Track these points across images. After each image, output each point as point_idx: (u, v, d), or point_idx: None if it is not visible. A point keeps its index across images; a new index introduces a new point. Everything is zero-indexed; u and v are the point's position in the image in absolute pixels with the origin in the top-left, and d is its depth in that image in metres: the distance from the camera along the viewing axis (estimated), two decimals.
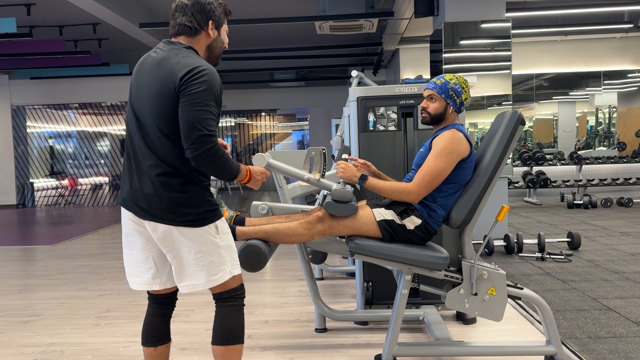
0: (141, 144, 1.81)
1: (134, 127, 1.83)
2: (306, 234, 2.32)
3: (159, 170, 1.78)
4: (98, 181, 12.34)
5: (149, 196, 1.79)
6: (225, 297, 1.92)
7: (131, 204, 1.83)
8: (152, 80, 1.79)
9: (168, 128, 1.76)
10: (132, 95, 1.87)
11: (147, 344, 2.02)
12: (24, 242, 6.87)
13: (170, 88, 1.74)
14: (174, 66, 1.77)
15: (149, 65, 1.84)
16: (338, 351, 2.72)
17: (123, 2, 7.01)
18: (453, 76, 2.40)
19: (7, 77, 11.47)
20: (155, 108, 1.77)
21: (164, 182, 1.78)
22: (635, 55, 9.65)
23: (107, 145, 12.27)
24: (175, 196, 1.79)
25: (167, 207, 1.78)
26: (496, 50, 5.56)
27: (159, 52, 1.86)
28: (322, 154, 2.45)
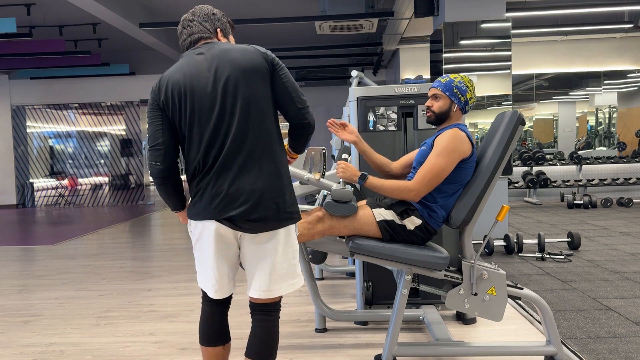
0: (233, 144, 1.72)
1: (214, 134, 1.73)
2: (306, 234, 2.32)
3: (262, 162, 1.75)
4: (98, 181, 12.33)
5: (259, 200, 1.71)
6: (272, 309, 1.84)
7: (236, 221, 1.72)
8: (229, 69, 1.75)
9: (263, 109, 1.77)
10: (196, 100, 1.75)
11: (215, 343, 1.92)
12: (24, 242, 6.87)
13: (263, 65, 1.78)
14: (249, 48, 1.81)
15: (208, 60, 1.77)
16: (338, 351, 2.72)
17: (123, 2, 7.01)
18: (458, 75, 2.40)
19: (7, 77, 11.47)
20: (249, 90, 1.75)
21: (271, 174, 1.76)
22: (635, 55, 9.65)
23: (107, 145, 12.27)
24: (282, 190, 1.76)
25: (278, 207, 1.74)
26: (496, 50, 5.56)
27: (204, 51, 1.81)
28: (322, 154, 2.45)
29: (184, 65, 1.80)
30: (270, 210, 1.73)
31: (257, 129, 1.75)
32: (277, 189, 1.75)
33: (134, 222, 8.48)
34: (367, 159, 2.56)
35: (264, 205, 1.72)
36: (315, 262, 3.67)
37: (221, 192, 1.72)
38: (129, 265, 5.07)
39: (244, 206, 1.71)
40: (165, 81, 1.80)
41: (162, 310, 3.55)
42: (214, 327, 1.93)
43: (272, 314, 1.84)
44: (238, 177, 1.72)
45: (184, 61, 1.82)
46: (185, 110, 1.76)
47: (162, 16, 8.10)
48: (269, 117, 1.78)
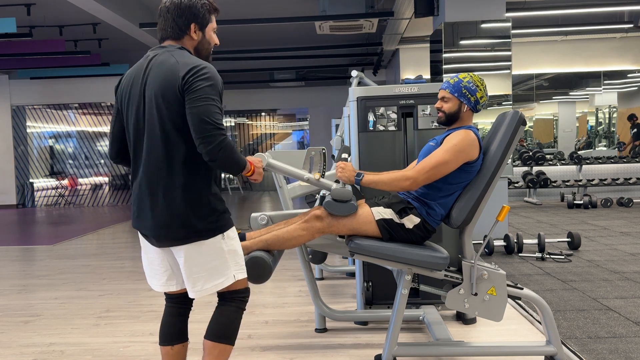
0: (151, 160, 1.80)
1: (139, 144, 1.83)
2: (306, 234, 2.32)
3: (174, 183, 1.79)
4: (98, 181, 12.33)
5: (167, 218, 1.79)
6: (227, 296, 1.94)
7: (152, 234, 1.85)
8: (154, 84, 1.78)
9: (176, 128, 1.77)
10: (130, 109, 1.85)
11: (164, 343, 2.03)
12: (24, 242, 6.87)
13: (175, 88, 1.74)
14: (174, 66, 1.77)
15: (147, 70, 1.82)
16: (338, 351, 2.72)
17: (123, 2, 7.01)
18: (467, 75, 2.38)
19: (7, 77, 11.47)
20: (164, 112, 1.76)
21: (178, 196, 1.79)
22: (635, 55, 9.65)
23: (107, 145, 12.25)
24: (189, 210, 1.79)
25: (184, 225, 1.79)
26: (496, 50, 5.55)
27: (151, 56, 1.85)
28: (322, 154, 2.45)
29: (134, 69, 1.89)
30: (174, 232, 1.80)
31: (167, 150, 1.78)
32: (184, 209, 1.79)
33: None
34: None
35: (168, 227, 1.80)
36: (315, 262, 3.67)
37: (137, 208, 1.87)
38: (129, 265, 5.07)
39: (151, 227, 1.83)
40: (121, 82, 1.93)
41: (162, 310, 3.54)
42: (167, 330, 2.05)
43: (228, 301, 1.94)
44: (149, 195, 1.81)
45: (137, 64, 1.89)
46: (124, 117, 1.89)
47: None
48: (182, 139, 1.77)
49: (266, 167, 2.48)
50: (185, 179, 1.79)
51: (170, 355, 2.01)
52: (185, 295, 2.03)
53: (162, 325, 2.06)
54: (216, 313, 1.95)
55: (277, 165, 2.48)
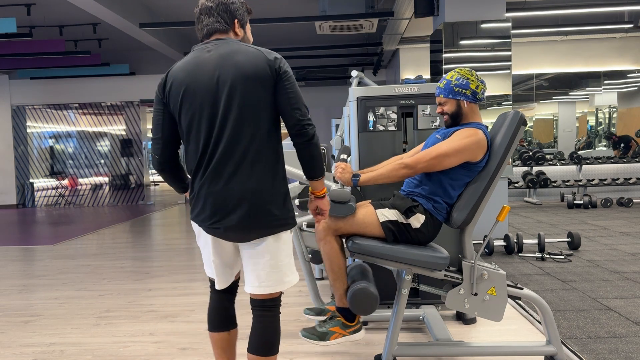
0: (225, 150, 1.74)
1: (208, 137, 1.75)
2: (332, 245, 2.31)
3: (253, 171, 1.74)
4: (98, 181, 12.33)
5: (246, 211, 1.73)
6: (270, 305, 1.88)
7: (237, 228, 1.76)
8: (233, 72, 1.73)
9: (260, 117, 1.75)
10: (196, 101, 1.76)
11: (221, 329, 1.99)
12: (24, 242, 6.87)
13: (267, 72, 1.74)
14: (256, 52, 1.77)
15: (213, 61, 1.76)
16: (338, 351, 2.72)
17: (123, 2, 7.01)
18: (453, 72, 2.37)
19: (7, 77, 11.47)
20: (247, 97, 1.73)
21: (262, 182, 1.75)
22: (635, 55, 9.65)
23: (107, 145, 12.27)
24: (272, 198, 1.77)
25: (266, 215, 1.75)
26: (496, 50, 5.56)
27: (213, 49, 1.80)
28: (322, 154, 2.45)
29: (190, 62, 1.80)
30: (256, 219, 1.75)
31: (250, 136, 1.74)
32: (267, 197, 1.76)
33: (134, 222, 8.47)
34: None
35: (251, 215, 1.74)
36: (315, 262, 3.66)
37: (211, 201, 1.76)
38: (129, 265, 5.07)
39: (231, 219, 1.75)
40: (171, 77, 1.81)
41: (162, 310, 3.55)
42: (220, 313, 2.01)
43: (271, 310, 1.88)
44: (228, 185, 1.74)
45: (192, 57, 1.82)
46: (186, 110, 1.77)
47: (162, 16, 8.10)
48: (266, 125, 1.76)
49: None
50: (273, 168, 1.78)
51: (227, 340, 1.99)
52: (235, 282, 2.02)
53: (214, 312, 2.01)
54: (262, 327, 1.87)
55: None
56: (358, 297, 2.22)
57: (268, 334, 1.86)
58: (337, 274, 2.31)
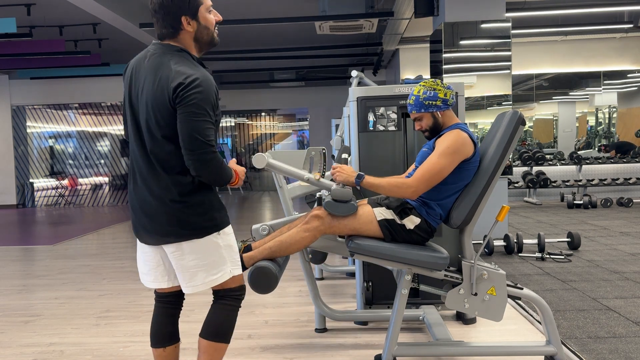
0: (143, 157, 1.82)
1: (136, 140, 1.83)
2: (308, 236, 2.32)
3: (165, 181, 1.79)
4: (98, 181, 12.33)
5: (156, 214, 1.80)
6: (223, 294, 1.93)
7: (143, 233, 1.88)
8: (149, 88, 1.77)
9: (168, 135, 1.76)
10: (132, 101, 1.84)
11: (156, 345, 2.01)
12: (24, 242, 6.87)
13: (166, 98, 1.72)
14: (168, 75, 1.74)
15: (142, 75, 1.81)
16: (338, 351, 2.72)
17: (123, 2, 7.01)
18: (419, 86, 2.40)
19: (7, 77, 11.46)
20: (153, 115, 1.76)
21: (170, 193, 1.79)
22: (635, 55, 9.65)
23: (107, 145, 12.27)
24: (183, 207, 1.79)
25: (178, 222, 1.79)
26: (496, 50, 5.56)
27: (149, 58, 1.82)
28: (322, 154, 2.45)
29: (135, 66, 1.86)
30: (168, 230, 1.81)
31: (161, 156, 1.77)
32: (179, 211, 1.79)
33: None
34: None
35: (164, 226, 1.81)
36: (315, 262, 3.67)
37: (133, 206, 1.88)
38: (129, 265, 5.07)
39: (144, 226, 1.85)
40: (126, 71, 1.91)
41: None
42: (157, 328, 2.03)
43: (224, 299, 1.93)
44: (144, 198, 1.82)
45: (140, 57, 1.87)
46: (125, 106, 1.89)
47: None
48: (175, 145, 1.76)
49: (266, 167, 2.48)
50: (182, 182, 1.79)
51: (163, 357, 1.99)
52: (176, 294, 2.02)
53: (153, 326, 2.03)
54: (211, 311, 1.94)
55: (277, 165, 2.48)
56: (261, 273, 2.24)
57: (216, 318, 1.92)
58: (276, 251, 2.34)
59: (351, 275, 4.25)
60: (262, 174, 14.64)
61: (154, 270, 1.96)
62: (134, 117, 1.83)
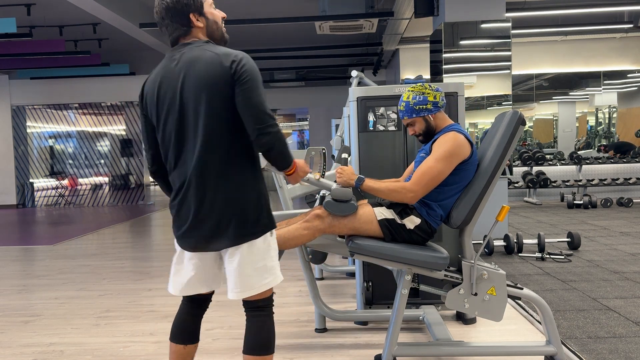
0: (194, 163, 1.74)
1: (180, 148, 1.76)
2: (307, 234, 2.32)
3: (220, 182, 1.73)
4: (98, 181, 12.34)
5: (212, 219, 1.74)
6: (261, 305, 1.86)
7: (197, 242, 1.78)
8: (195, 82, 1.72)
9: (228, 125, 1.72)
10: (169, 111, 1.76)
11: (178, 341, 1.97)
12: (24, 242, 6.87)
13: (224, 79, 1.69)
14: (214, 58, 1.72)
15: (177, 73, 1.76)
16: (338, 351, 2.72)
17: (123, 2, 7.01)
18: (407, 92, 2.40)
19: (7, 77, 11.47)
20: (209, 108, 1.70)
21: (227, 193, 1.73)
22: (635, 55, 9.65)
23: (107, 145, 12.27)
24: (244, 207, 1.74)
25: (239, 225, 1.74)
26: (496, 50, 5.56)
27: (178, 57, 1.78)
28: (322, 154, 2.45)
29: (160, 72, 1.81)
30: (228, 232, 1.75)
31: (219, 147, 1.73)
32: (237, 207, 1.75)
33: (134, 222, 8.47)
34: None
35: (223, 228, 1.74)
36: (315, 262, 3.66)
37: (186, 217, 1.78)
38: (129, 265, 5.07)
39: (205, 233, 1.76)
40: (145, 90, 1.85)
41: (162, 310, 3.55)
42: (182, 325, 1.98)
43: (263, 310, 1.87)
44: (196, 198, 1.74)
45: (161, 68, 1.82)
46: (158, 124, 1.81)
47: None
48: (232, 134, 1.73)
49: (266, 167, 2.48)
50: (239, 176, 1.75)
51: (181, 355, 1.96)
52: (205, 296, 1.98)
53: (177, 323, 1.99)
54: (254, 327, 1.86)
55: None
56: None
57: (261, 334, 1.85)
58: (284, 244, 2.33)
59: (351, 275, 4.25)
60: None
61: (199, 279, 1.89)
62: (179, 123, 1.75)
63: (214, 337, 2.97)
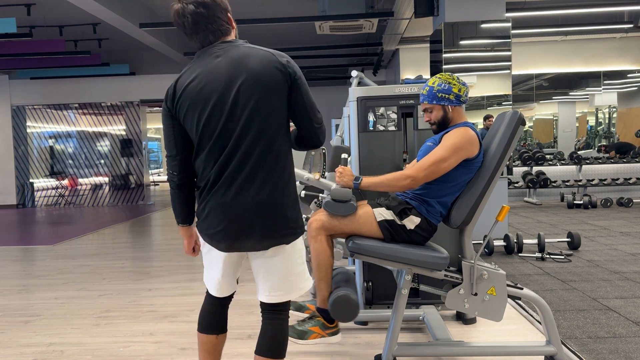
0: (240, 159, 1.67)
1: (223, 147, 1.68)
2: (319, 242, 2.30)
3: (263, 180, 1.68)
4: (98, 181, 12.33)
5: (260, 222, 1.68)
6: (282, 309, 1.86)
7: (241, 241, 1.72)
8: (246, 81, 1.66)
9: (275, 125, 1.70)
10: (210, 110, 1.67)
11: (210, 332, 1.95)
12: (24, 242, 6.87)
13: (280, 79, 1.69)
14: (267, 55, 1.70)
15: (224, 67, 1.68)
16: (338, 351, 2.72)
17: (123, 2, 7.01)
18: (435, 77, 2.39)
19: (7, 77, 11.47)
20: (262, 105, 1.67)
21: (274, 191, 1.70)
22: (635, 55, 9.65)
23: (107, 145, 12.27)
24: (285, 207, 1.72)
25: (280, 224, 1.71)
26: (496, 50, 5.56)
27: (221, 53, 1.71)
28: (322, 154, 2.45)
29: (200, 70, 1.71)
30: (271, 229, 1.70)
31: (267, 145, 1.68)
32: (280, 207, 1.71)
33: (134, 222, 8.47)
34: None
35: (265, 226, 1.69)
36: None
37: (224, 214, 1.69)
38: (129, 265, 5.07)
39: (245, 232, 1.69)
40: (180, 87, 1.71)
41: (162, 310, 3.55)
42: (211, 317, 1.97)
43: (282, 313, 1.87)
44: (240, 195, 1.67)
45: (201, 64, 1.72)
46: (199, 120, 1.69)
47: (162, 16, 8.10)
48: (281, 133, 1.72)
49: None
50: (287, 176, 1.74)
51: (214, 344, 1.95)
52: None
53: (205, 314, 1.97)
54: (272, 330, 1.85)
55: None
56: (340, 303, 2.23)
57: (278, 337, 1.85)
58: (323, 274, 2.31)
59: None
60: None
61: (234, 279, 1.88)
62: (227, 118, 1.67)
63: None
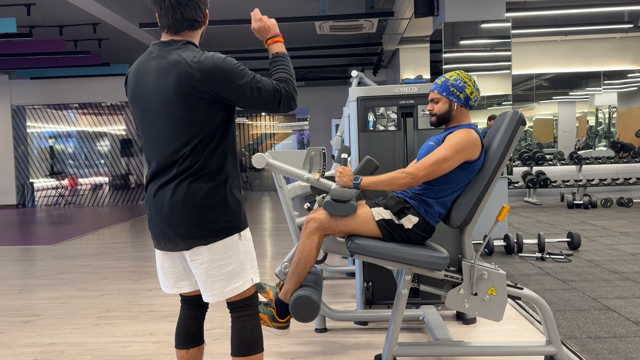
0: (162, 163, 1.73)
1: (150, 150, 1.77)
2: (312, 241, 2.30)
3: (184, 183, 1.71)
4: (98, 181, 12.33)
5: (174, 218, 1.72)
6: (242, 305, 1.86)
7: (162, 240, 1.79)
8: (162, 90, 1.69)
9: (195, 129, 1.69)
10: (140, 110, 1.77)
11: (180, 347, 1.96)
12: (24, 242, 6.87)
13: (192, 82, 1.66)
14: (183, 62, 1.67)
15: (151, 74, 1.72)
16: (338, 351, 2.72)
17: (123, 2, 7.01)
18: (454, 73, 2.38)
19: (7, 77, 11.47)
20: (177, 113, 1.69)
21: (189, 195, 1.71)
22: (635, 55, 9.65)
23: (107, 145, 12.27)
24: (206, 209, 1.71)
25: (197, 224, 1.71)
26: (496, 50, 5.56)
27: (157, 56, 1.73)
28: (322, 154, 2.45)
29: (137, 68, 1.78)
30: (188, 230, 1.72)
31: (183, 149, 1.69)
32: (198, 208, 1.71)
33: (134, 222, 8.47)
34: None
35: (181, 226, 1.72)
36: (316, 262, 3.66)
37: (150, 211, 1.80)
38: (129, 265, 5.07)
39: (164, 232, 1.76)
40: (126, 79, 1.85)
41: (162, 310, 3.55)
42: (183, 330, 1.98)
43: (244, 310, 1.86)
44: (163, 197, 1.73)
45: (142, 60, 1.78)
46: (135, 117, 1.82)
47: None
48: (203, 136, 1.70)
49: (266, 167, 2.48)
50: (209, 178, 1.72)
51: (186, 359, 1.96)
52: (201, 297, 1.95)
53: (178, 328, 1.99)
54: (238, 328, 1.86)
55: (276, 165, 2.48)
56: (302, 302, 2.21)
57: (247, 333, 1.85)
58: (299, 271, 2.31)
59: (351, 275, 4.25)
60: (262, 174, 14.64)
61: (173, 276, 1.88)
62: (151, 121, 1.75)
63: (213, 337, 2.96)
